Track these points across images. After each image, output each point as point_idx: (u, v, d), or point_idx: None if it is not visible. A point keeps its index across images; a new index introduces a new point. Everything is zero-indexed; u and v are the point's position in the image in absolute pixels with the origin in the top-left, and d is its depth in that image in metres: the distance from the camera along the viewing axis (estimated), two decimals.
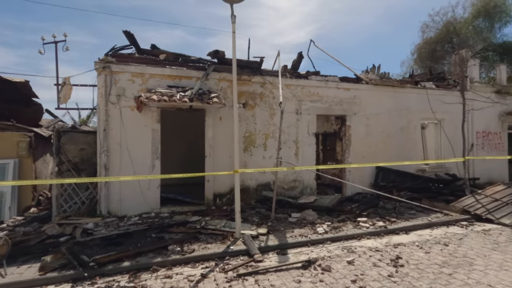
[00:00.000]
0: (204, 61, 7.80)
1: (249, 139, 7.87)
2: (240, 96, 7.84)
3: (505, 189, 7.68)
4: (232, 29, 5.23)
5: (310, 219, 6.10)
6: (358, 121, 9.05)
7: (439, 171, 10.06)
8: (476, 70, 10.98)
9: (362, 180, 9.03)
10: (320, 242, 5.06)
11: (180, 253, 4.45)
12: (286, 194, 8.12)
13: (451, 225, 6.05)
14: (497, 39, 16.09)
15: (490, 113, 10.96)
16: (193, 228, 5.60)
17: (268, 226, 5.82)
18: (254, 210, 6.91)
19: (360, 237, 5.29)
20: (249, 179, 7.83)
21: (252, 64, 8.07)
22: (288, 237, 5.20)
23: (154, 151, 6.98)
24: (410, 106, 9.72)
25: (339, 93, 8.85)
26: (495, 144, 11.15)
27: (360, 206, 6.61)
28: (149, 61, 7.14)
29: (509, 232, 5.44)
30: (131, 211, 6.70)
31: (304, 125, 8.40)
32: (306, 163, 8.33)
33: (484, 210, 6.53)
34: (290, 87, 8.31)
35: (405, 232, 5.60)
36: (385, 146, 9.39)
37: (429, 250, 4.61)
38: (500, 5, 15.46)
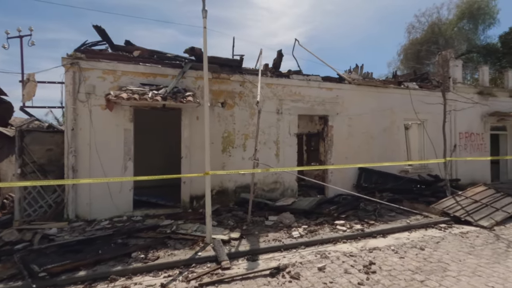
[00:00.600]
0: (181, 59, 7.53)
1: (228, 139, 7.64)
2: (219, 95, 7.62)
3: (486, 190, 7.65)
4: (203, 24, 5.00)
5: (286, 222, 5.90)
6: (340, 121, 8.92)
7: (422, 172, 10.02)
8: (459, 71, 10.99)
9: (345, 181, 8.91)
10: (294, 247, 4.86)
11: (143, 260, 4.19)
12: (266, 196, 7.92)
13: (430, 227, 5.94)
14: (481, 40, 16.28)
15: (473, 114, 10.99)
16: (163, 232, 5.33)
17: (242, 230, 5.60)
18: (230, 213, 6.68)
19: (336, 241, 5.12)
20: (228, 180, 7.60)
21: (231, 62, 7.85)
22: (261, 241, 4.98)
23: (127, 151, 6.68)
24: (393, 106, 9.65)
25: (321, 93, 8.69)
26: (477, 145, 11.19)
27: (339, 208, 6.45)
28: (122, 58, 6.83)
29: (486, 235, 5.35)
30: (101, 215, 6.38)
31: (285, 125, 8.21)
32: (287, 164, 8.14)
33: (463, 212, 6.45)
34: (271, 86, 8.11)
35: (382, 235, 5.46)
36: (368, 146, 9.29)
37: (404, 254, 4.46)
38: (484, 7, 15.63)
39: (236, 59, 7.89)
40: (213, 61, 7.68)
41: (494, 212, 6.51)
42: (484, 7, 15.58)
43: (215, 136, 7.52)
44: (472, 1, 15.75)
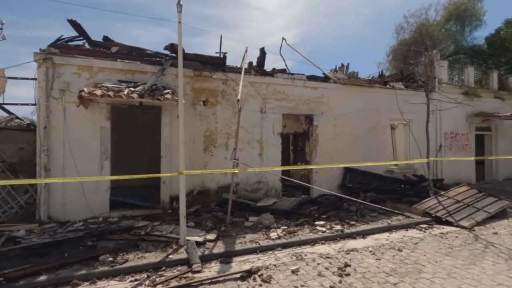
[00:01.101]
0: (161, 56, 7.34)
1: (210, 138, 7.48)
2: (201, 93, 7.46)
3: (468, 190, 7.64)
4: (178, 19, 4.83)
5: (266, 223, 5.78)
6: (325, 121, 8.84)
7: (407, 172, 10.01)
8: (445, 72, 11.04)
9: (330, 181, 8.85)
10: (271, 249, 4.73)
11: (110, 264, 4.01)
12: (249, 196, 7.78)
13: (410, 228, 5.89)
14: (467, 42, 16.45)
15: (458, 115, 11.05)
16: (137, 234, 5.15)
17: (220, 231, 5.45)
18: (210, 214, 6.52)
19: (314, 242, 5.01)
20: (210, 180, 7.44)
21: (214, 60, 7.69)
22: (238, 243, 4.85)
23: (103, 150, 6.47)
24: (379, 106, 9.61)
25: (306, 92, 8.60)
26: (462, 145, 11.25)
27: (320, 209, 6.36)
28: (98, 54, 6.62)
29: (465, 236, 5.31)
30: (75, 216, 6.17)
31: (269, 124, 8.09)
32: (271, 164, 8.03)
33: (444, 212, 6.42)
34: (254, 85, 7.98)
35: (362, 236, 5.37)
36: (353, 146, 9.23)
37: (381, 256, 4.37)
38: (470, 9, 15.78)
39: (219, 56, 7.74)
40: (195, 58, 7.55)
41: (475, 212, 6.49)
42: (471, 8, 15.73)
43: (197, 135, 7.37)
44: (459, 2, 15.90)
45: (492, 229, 5.72)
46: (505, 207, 6.88)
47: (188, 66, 7.34)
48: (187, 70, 7.25)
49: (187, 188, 7.20)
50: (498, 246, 4.68)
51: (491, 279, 3.57)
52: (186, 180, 7.15)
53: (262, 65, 8.41)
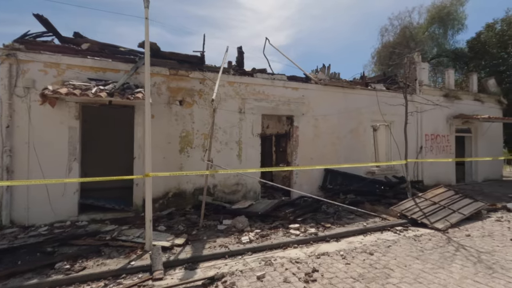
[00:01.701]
0: (136, 53, 7.11)
1: (186, 139, 7.28)
2: (177, 92, 7.26)
3: (445, 191, 7.68)
4: (145, 15, 4.64)
5: (239, 226, 5.62)
6: (306, 122, 8.76)
7: (388, 173, 10.04)
8: (426, 74, 11.13)
9: (311, 183, 8.77)
10: (240, 253, 4.59)
11: (66, 272, 3.78)
12: (227, 198, 7.62)
13: (386, 230, 5.83)
14: (450, 45, 16.71)
15: (439, 116, 11.16)
16: (102, 239, 4.92)
17: (191, 235, 5.28)
18: (184, 217, 6.33)
19: (286, 246, 4.89)
20: (186, 182, 7.24)
21: (191, 59, 7.50)
22: (207, 248, 4.68)
23: (72, 151, 6.20)
24: (361, 107, 9.60)
25: (286, 92, 8.50)
26: (443, 147, 11.36)
27: (296, 211, 6.25)
28: (67, 50, 6.35)
29: (438, 238, 5.28)
30: (41, 220, 5.88)
31: (248, 125, 7.95)
32: (249, 166, 7.88)
33: (420, 214, 6.40)
34: (233, 85, 7.83)
35: (336, 239, 5.28)
36: (334, 148, 9.18)
37: (351, 260, 4.28)
38: (453, 13, 16.04)
39: (196, 55, 7.55)
40: (171, 57, 7.36)
41: (451, 214, 6.50)
42: (453, 12, 15.99)
43: (172, 136, 7.16)
44: (442, 6, 16.15)
45: (466, 231, 5.71)
46: (480, 209, 6.92)
47: (164, 65, 7.15)
48: (163, 69, 7.06)
49: (162, 190, 7.05)
50: (468, 249, 4.66)
51: (457, 283, 3.51)
52: (161, 182, 7.00)
53: (241, 65, 8.27)
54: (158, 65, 7.05)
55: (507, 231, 5.68)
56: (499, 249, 4.66)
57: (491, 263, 4.09)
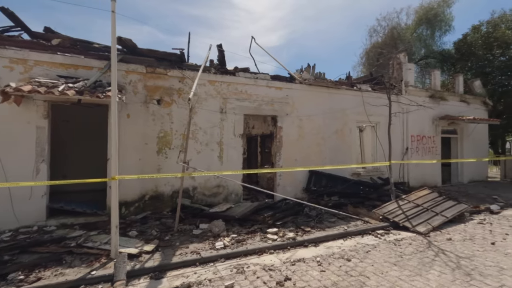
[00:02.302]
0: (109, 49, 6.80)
1: (164, 139, 7.01)
2: (154, 91, 6.99)
3: (429, 193, 7.59)
4: (112, 8, 4.37)
5: (216, 231, 5.39)
6: (290, 122, 8.58)
7: (374, 174, 9.94)
8: (411, 74, 11.08)
9: (295, 185, 8.60)
10: (213, 260, 4.36)
11: (18, 283, 3.50)
12: (208, 201, 7.38)
13: (367, 234, 5.68)
14: (437, 46, 16.79)
15: (425, 117, 11.12)
16: (67, 246, 4.64)
17: (164, 240, 5.03)
18: (159, 221, 6.06)
19: (262, 252, 4.68)
20: (164, 184, 6.97)
21: (170, 57, 7.25)
22: (177, 255, 4.44)
23: (40, 152, 5.87)
24: (346, 108, 9.48)
25: (270, 92, 8.30)
26: (429, 148, 11.33)
27: (276, 214, 6.04)
28: (36, 46, 6.02)
29: (419, 242, 5.15)
30: (4, 225, 5.54)
31: (230, 125, 7.72)
32: (231, 167, 7.66)
33: (403, 217, 6.27)
34: (214, 84, 7.59)
35: (315, 244, 5.10)
36: (319, 149, 9.03)
37: (327, 267, 4.09)
38: (440, 14, 16.12)
39: (175, 53, 7.30)
40: (149, 54, 7.10)
41: (434, 216, 6.40)
42: (440, 14, 16.07)
43: (150, 136, 6.89)
44: (429, 7, 16.22)
45: (447, 234, 5.60)
46: (463, 211, 6.84)
47: (141, 62, 6.87)
48: (139, 66, 6.79)
49: (138, 192, 6.77)
50: (448, 254, 4.53)
51: None
52: (137, 184, 6.72)
53: (223, 64, 8.04)
54: (134, 62, 6.78)
55: (489, 234, 5.59)
56: (479, 253, 4.54)
57: (470, 269, 3.95)
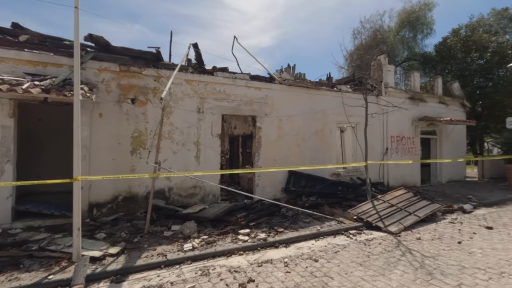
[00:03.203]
0: (84, 47, 6.64)
1: (139, 140, 6.89)
2: (128, 90, 6.86)
3: (405, 193, 7.69)
4: (75, 4, 4.25)
5: (187, 232, 5.31)
6: (269, 122, 8.57)
7: (353, 175, 10.03)
8: (391, 76, 11.24)
9: (274, 185, 8.58)
10: (179, 263, 4.28)
11: None
12: (184, 202, 7.29)
13: (339, 234, 5.70)
14: (420, 49, 17.13)
15: (404, 118, 11.30)
16: (29, 249, 4.47)
17: (132, 243, 4.92)
18: (130, 223, 5.94)
19: (231, 254, 4.63)
20: (138, 185, 6.84)
21: (145, 55, 7.13)
22: (143, 257, 4.34)
23: (4, 153, 5.66)
24: (326, 109, 9.53)
25: (249, 92, 8.27)
26: (408, 148, 11.51)
27: (249, 215, 6.00)
28: (1, 42, 5.81)
29: (389, 242, 5.19)
30: None
31: (207, 125, 7.65)
32: (208, 167, 7.58)
33: (376, 217, 6.33)
34: (191, 83, 7.51)
35: (286, 245, 5.08)
36: (298, 149, 9.04)
37: (293, 268, 4.07)
38: (421, 18, 16.45)
39: (151, 51, 7.17)
40: (123, 52, 6.96)
41: (406, 216, 6.48)
42: (422, 17, 16.41)
43: (123, 136, 6.75)
44: (411, 11, 16.54)
45: (418, 234, 5.68)
46: (435, 211, 6.96)
47: (114, 60, 6.73)
48: (112, 65, 6.64)
49: (111, 193, 6.62)
50: (415, 253, 4.58)
51: None
52: (110, 185, 6.57)
53: (201, 63, 7.96)
54: (107, 60, 6.64)
55: (457, 233, 5.69)
56: (444, 253, 4.61)
57: (433, 268, 4.00)
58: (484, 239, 5.32)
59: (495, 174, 14.04)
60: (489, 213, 7.46)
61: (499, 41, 13.18)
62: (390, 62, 15.93)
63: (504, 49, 12.91)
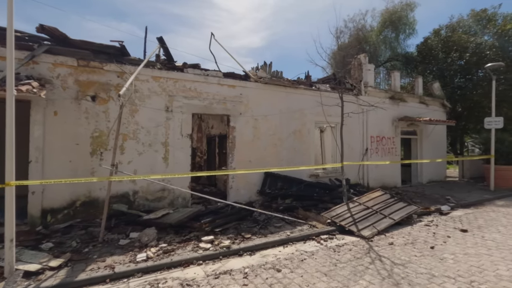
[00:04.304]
0: (37, 39, 6.13)
1: (99, 140, 6.41)
2: (88, 87, 6.37)
3: (381, 195, 7.49)
4: None
5: (145, 240, 4.90)
6: (244, 122, 8.22)
7: (333, 176, 9.79)
8: (371, 75, 11.07)
9: (249, 187, 8.24)
10: (128, 275, 3.88)
11: None
12: (150, 206, 6.85)
13: (310, 239, 5.40)
14: (402, 49, 17.15)
15: (384, 118, 11.16)
16: None
17: (81, 253, 4.49)
18: (85, 230, 5.47)
19: (188, 264, 4.26)
20: (99, 189, 6.36)
21: (107, 49, 6.66)
22: (88, 270, 3.91)
23: None
24: (304, 108, 9.26)
25: (222, 90, 7.89)
26: (388, 149, 11.38)
27: (216, 220, 5.63)
28: None
29: (360, 248, 4.92)
30: None
31: (177, 125, 7.24)
32: (177, 169, 7.17)
33: (350, 220, 6.06)
34: (159, 80, 7.08)
35: (251, 252, 4.74)
36: (275, 150, 8.73)
37: (252, 279, 3.73)
38: (403, 18, 16.48)
39: (114, 45, 6.71)
40: (83, 46, 6.47)
41: (381, 219, 6.25)
42: (404, 17, 16.43)
43: (82, 136, 6.26)
44: (393, 11, 16.54)
45: (391, 238, 5.44)
46: (411, 213, 6.76)
47: (72, 54, 6.24)
48: (69, 59, 6.15)
49: (68, 198, 6.13)
50: (384, 260, 4.31)
51: None
52: (66, 188, 6.06)
53: (171, 59, 7.54)
54: (64, 54, 6.14)
55: (431, 237, 5.48)
56: (415, 259, 4.36)
57: (401, 277, 3.73)
58: (457, 243, 5.12)
59: (474, 174, 14.13)
60: (466, 215, 7.33)
61: (478, 41, 13.25)
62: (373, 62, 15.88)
63: (483, 50, 12.99)
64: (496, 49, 12.89)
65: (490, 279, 3.68)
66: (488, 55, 12.84)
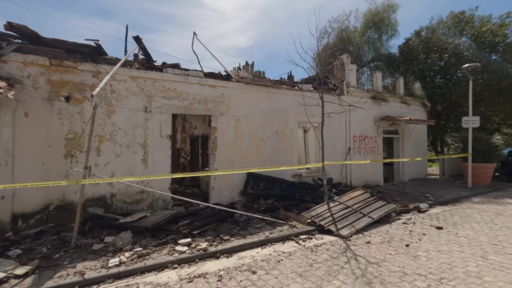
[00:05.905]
0: (5, 37, 5.88)
1: (74, 141, 6.22)
2: (61, 87, 6.18)
3: (362, 194, 7.57)
4: None
5: (119, 244, 4.78)
6: (226, 122, 8.15)
7: (316, 175, 9.84)
8: (353, 75, 11.21)
9: (231, 188, 8.18)
10: (98, 282, 3.77)
11: None
12: (129, 209, 6.70)
13: (289, 240, 5.40)
14: (385, 50, 17.44)
15: (366, 118, 11.31)
16: None
17: (51, 260, 4.33)
18: (57, 236, 5.29)
19: (163, 268, 4.17)
20: (73, 192, 6.17)
21: (82, 48, 6.46)
22: (55, 277, 3.77)
23: None
24: (287, 108, 9.27)
25: (202, 90, 7.80)
26: (371, 148, 11.54)
27: (194, 222, 5.55)
28: None
29: (337, 247, 4.95)
30: None
31: (156, 125, 7.11)
32: (157, 171, 7.04)
33: (330, 220, 6.10)
34: (136, 80, 6.93)
35: (228, 254, 4.70)
36: (258, 150, 8.70)
37: (226, 282, 3.69)
38: (386, 19, 16.76)
39: (89, 44, 6.51)
40: (55, 44, 6.26)
41: (360, 218, 6.32)
42: (386, 18, 16.71)
43: (55, 138, 6.06)
44: (376, 12, 16.80)
45: (369, 237, 5.50)
46: (390, 211, 6.87)
47: (45, 54, 6.03)
48: (41, 58, 5.95)
49: (40, 202, 5.92)
50: (360, 259, 4.35)
51: None
52: (38, 192, 5.85)
53: (149, 58, 7.40)
54: (35, 53, 5.94)
55: (408, 235, 5.57)
56: (390, 257, 4.42)
57: (374, 276, 3.77)
58: (432, 240, 5.22)
59: (454, 172, 14.54)
60: (443, 212, 7.51)
61: (456, 43, 13.61)
62: (357, 62, 16.07)
63: (461, 51, 13.35)
64: (473, 50, 13.28)
65: (459, 275, 3.76)
66: (465, 56, 13.20)
